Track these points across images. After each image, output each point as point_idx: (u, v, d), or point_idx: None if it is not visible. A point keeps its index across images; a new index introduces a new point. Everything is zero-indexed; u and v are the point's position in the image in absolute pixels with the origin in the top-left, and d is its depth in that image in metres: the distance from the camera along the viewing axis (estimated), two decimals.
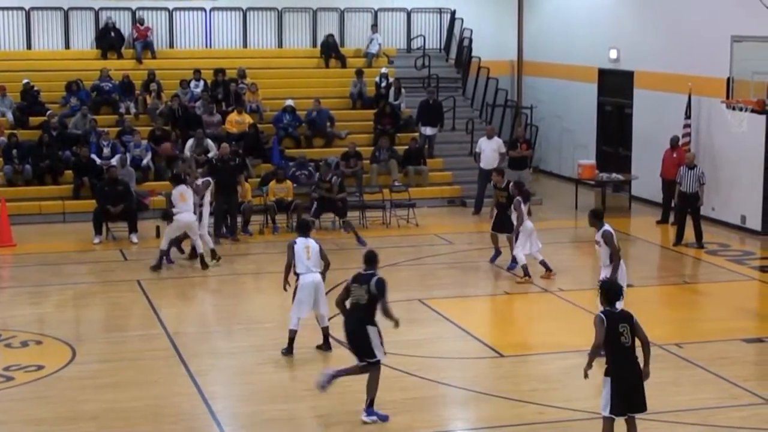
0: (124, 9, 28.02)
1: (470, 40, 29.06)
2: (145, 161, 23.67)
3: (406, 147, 25.14)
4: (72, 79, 25.76)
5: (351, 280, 11.73)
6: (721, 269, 18.92)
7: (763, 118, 19.73)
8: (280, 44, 29.30)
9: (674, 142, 22.39)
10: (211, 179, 19.79)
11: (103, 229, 20.90)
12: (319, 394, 12.42)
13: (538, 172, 28.86)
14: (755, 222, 21.51)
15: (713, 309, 16.82)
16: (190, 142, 23.68)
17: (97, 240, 20.69)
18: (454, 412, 12.26)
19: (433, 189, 25.02)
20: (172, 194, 18.43)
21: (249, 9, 28.86)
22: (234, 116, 25.16)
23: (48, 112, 24.40)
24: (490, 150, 23.53)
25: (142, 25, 27.73)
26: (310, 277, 13.60)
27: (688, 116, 22.62)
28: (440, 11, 30.04)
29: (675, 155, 22.06)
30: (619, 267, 13.44)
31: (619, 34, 26.04)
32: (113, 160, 22.93)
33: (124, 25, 27.97)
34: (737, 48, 18.21)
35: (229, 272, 18.78)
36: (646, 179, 24.17)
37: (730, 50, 18.32)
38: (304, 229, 14.00)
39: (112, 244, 20.77)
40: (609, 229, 13.65)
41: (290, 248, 13.70)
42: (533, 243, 17.81)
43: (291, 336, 13.67)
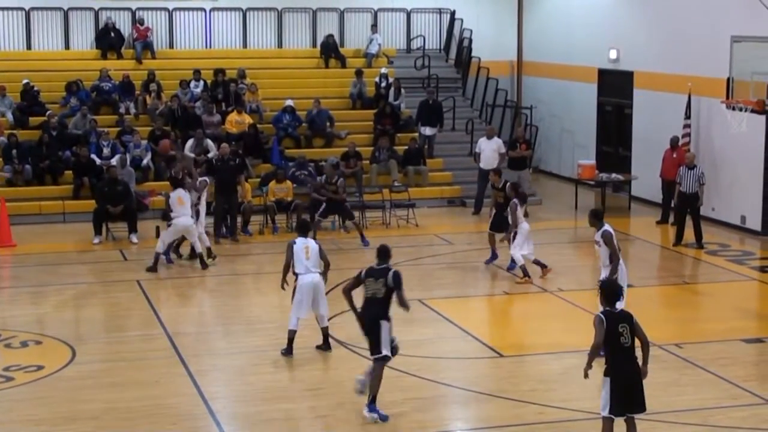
0: (123, 9, 28.01)
1: (470, 41, 29.06)
2: (145, 161, 23.68)
3: (406, 147, 25.12)
4: (72, 80, 25.76)
5: (364, 274, 11.80)
6: (721, 269, 18.92)
7: (763, 118, 19.73)
8: (280, 44, 29.30)
9: (674, 142, 22.39)
10: (207, 179, 19.81)
11: (103, 229, 20.90)
12: (318, 394, 12.46)
13: (538, 172, 28.85)
14: (755, 222, 21.50)
15: (713, 309, 16.82)
16: (190, 143, 23.67)
17: (96, 240, 20.69)
18: (454, 412, 12.25)
19: (433, 189, 25.01)
20: (170, 198, 18.43)
21: (249, 9, 28.85)
22: (234, 116, 25.16)
23: (48, 113, 24.39)
24: (490, 150, 23.51)
25: (142, 25, 27.72)
26: (309, 278, 13.60)
27: (687, 116, 22.62)
28: (440, 11, 30.03)
29: (675, 155, 22.05)
30: (618, 267, 13.45)
31: (619, 34, 26.03)
32: (113, 161, 22.94)
33: (124, 26, 27.96)
34: (737, 48, 18.21)
35: (229, 272, 18.79)
36: (645, 179, 24.16)
37: (730, 50, 18.33)
38: (304, 229, 14.01)
39: (111, 244, 20.77)
40: (609, 229, 13.66)
41: (289, 248, 13.70)
42: (529, 244, 17.81)
43: (290, 336, 13.66)
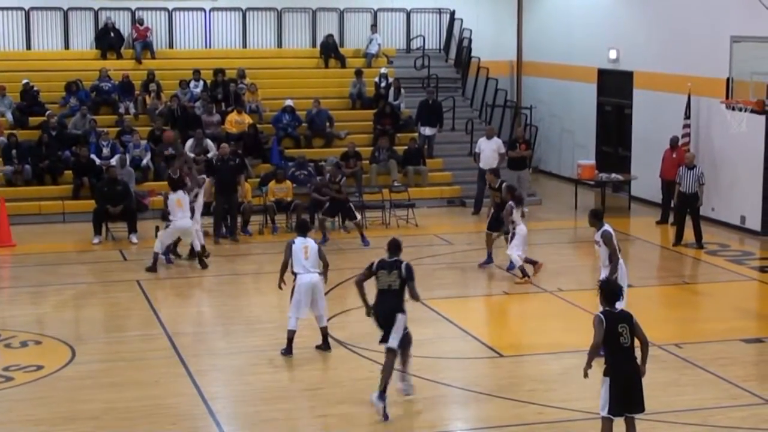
0: (123, 9, 28.01)
1: (470, 40, 29.07)
2: (145, 161, 23.67)
3: (406, 147, 25.12)
4: (71, 80, 25.76)
5: (376, 266, 11.95)
6: (721, 269, 18.91)
7: (763, 118, 19.73)
8: (280, 44, 29.29)
9: (674, 142, 22.39)
10: (205, 177, 19.82)
11: (102, 229, 20.90)
12: (317, 394, 12.45)
13: (538, 172, 28.85)
14: (755, 222, 21.50)
15: (713, 309, 16.81)
16: (190, 142, 23.67)
17: (96, 240, 20.69)
18: (454, 412, 12.25)
19: (433, 189, 25.01)
20: (169, 200, 18.42)
21: (248, 9, 28.85)
22: (233, 116, 25.16)
23: (47, 113, 24.39)
24: (490, 150, 23.49)
25: (142, 25, 27.72)
26: (308, 278, 13.59)
27: (687, 116, 22.61)
28: (440, 11, 30.04)
29: (674, 155, 22.05)
30: (618, 267, 13.44)
31: (619, 34, 26.03)
32: (113, 160, 22.94)
33: (124, 26, 27.96)
34: (736, 48, 18.21)
35: (229, 272, 18.79)
36: (645, 179, 24.16)
37: (730, 50, 18.33)
38: (303, 229, 13.99)
39: (111, 244, 20.76)
40: (608, 229, 13.65)
41: (288, 247, 13.70)
42: (523, 246, 17.79)
43: (289, 336, 13.65)
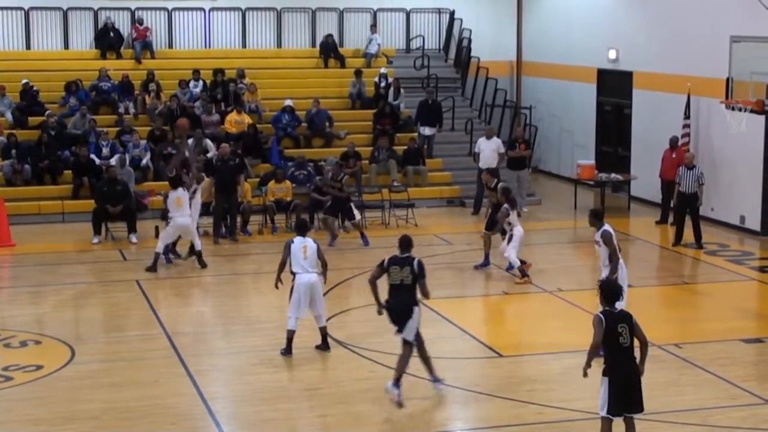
0: (123, 9, 28.00)
1: (469, 40, 29.07)
2: (144, 161, 23.67)
3: (405, 147, 25.11)
4: (71, 79, 25.76)
5: (387, 262, 12.12)
6: (721, 269, 18.91)
7: (762, 118, 19.73)
8: (279, 44, 29.29)
9: (673, 142, 22.39)
10: (204, 175, 19.83)
11: (102, 229, 20.89)
12: (317, 394, 12.46)
13: (537, 172, 28.86)
14: (754, 222, 21.50)
15: (712, 309, 16.81)
16: (190, 142, 23.63)
17: (96, 240, 20.68)
18: (453, 412, 12.24)
19: (432, 189, 25.01)
20: (169, 198, 18.43)
21: (248, 9, 28.85)
22: (233, 116, 25.16)
23: (47, 112, 24.40)
24: (489, 150, 23.49)
25: (141, 25, 27.72)
26: (306, 277, 13.58)
27: (687, 116, 22.61)
28: (439, 11, 30.03)
29: (674, 155, 22.05)
30: (618, 267, 13.42)
31: (618, 34, 26.03)
32: (112, 160, 22.93)
33: (123, 25, 27.96)
34: (736, 48, 18.21)
35: (229, 272, 18.79)
36: (645, 179, 24.16)
37: (729, 51, 18.33)
38: (303, 229, 13.99)
39: (111, 244, 20.76)
40: (608, 229, 13.64)
41: (287, 247, 13.69)
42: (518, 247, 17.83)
43: (289, 336, 13.64)
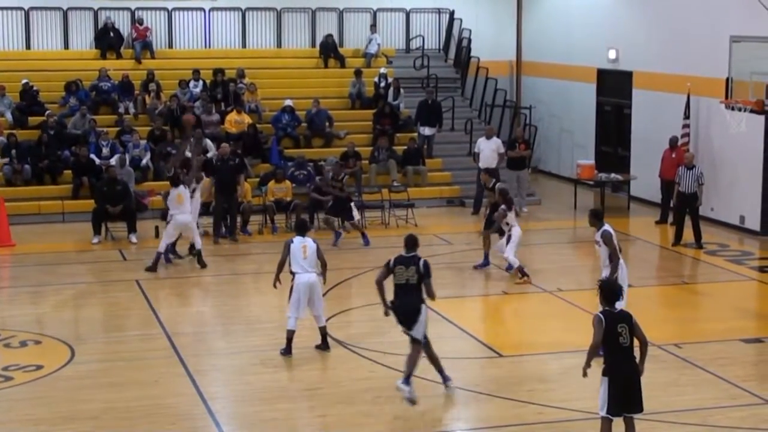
0: (123, 9, 28.01)
1: (469, 40, 29.06)
2: (144, 161, 23.68)
3: (405, 147, 25.11)
4: (71, 79, 25.75)
5: (393, 262, 12.16)
6: (720, 269, 18.91)
7: (762, 118, 19.74)
8: (279, 44, 29.29)
9: (673, 142, 22.39)
10: (203, 174, 19.83)
11: (102, 229, 20.89)
12: (317, 393, 12.46)
13: (537, 172, 28.86)
14: (754, 222, 21.50)
15: (712, 309, 16.81)
16: (188, 140, 23.64)
17: (96, 240, 20.68)
18: (453, 412, 12.24)
19: (432, 189, 25.01)
20: (170, 195, 18.45)
21: (248, 9, 28.85)
22: (233, 116, 25.16)
23: (47, 112, 24.40)
24: (489, 150, 23.48)
25: (141, 25, 27.72)
26: (305, 277, 13.58)
27: (687, 116, 22.61)
28: (439, 11, 30.03)
29: (674, 155, 22.05)
30: (618, 267, 13.42)
31: (618, 34, 26.03)
32: (112, 160, 22.93)
33: (123, 25, 27.96)
34: (736, 48, 18.21)
35: (228, 272, 18.80)
36: (645, 179, 24.15)
37: (729, 50, 18.33)
38: (302, 229, 14.00)
39: (111, 244, 20.76)
40: (608, 229, 13.63)
41: (286, 246, 13.69)
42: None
43: (289, 336, 13.64)
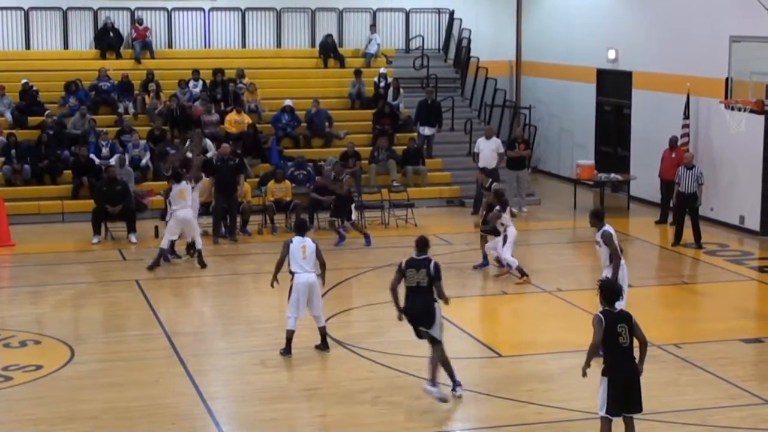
0: (122, 9, 28.01)
1: (469, 40, 29.06)
2: (144, 161, 23.67)
3: (405, 147, 25.11)
4: (71, 79, 25.75)
5: (405, 265, 12.15)
6: (720, 269, 18.91)
7: (762, 118, 19.74)
8: (279, 44, 29.29)
9: (673, 142, 22.39)
10: (203, 174, 19.85)
11: (101, 229, 20.89)
12: (316, 393, 12.46)
13: (537, 172, 28.86)
14: (754, 222, 21.50)
15: (712, 309, 16.81)
16: (189, 142, 23.65)
17: (95, 240, 20.68)
18: (453, 412, 12.24)
19: (432, 189, 25.00)
20: (172, 191, 18.45)
21: (248, 9, 28.85)
22: (233, 116, 25.16)
23: (46, 112, 24.40)
24: (489, 150, 23.48)
25: (141, 25, 27.72)
26: (305, 277, 13.58)
27: (686, 116, 22.61)
28: (439, 11, 30.03)
29: (674, 155, 22.05)
30: (619, 267, 13.40)
31: (618, 34, 26.03)
32: (112, 160, 22.92)
33: (123, 25, 27.96)
34: (736, 48, 18.21)
35: (228, 272, 18.80)
36: (644, 179, 24.15)
37: (729, 50, 18.33)
38: (302, 229, 14.00)
39: (110, 244, 20.76)
40: (609, 229, 13.62)
41: (285, 246, 13.69)
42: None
43: (288, 336, 13.64)
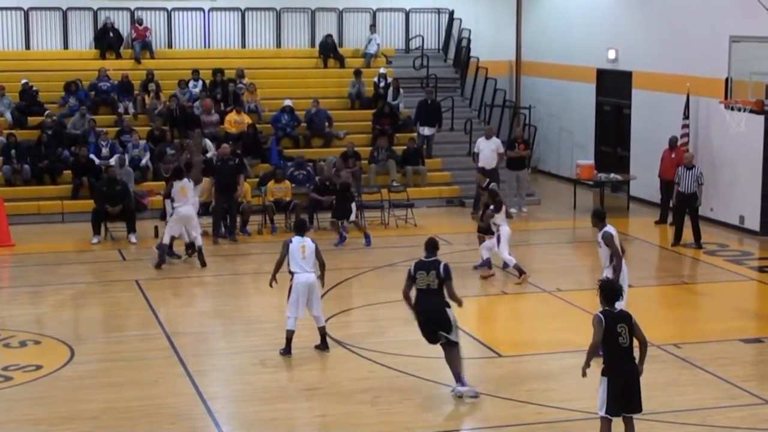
0: (122, 9, 28.01)
1: (468, 40, 29.07)
2: (144, 161, 23.68)
3: (405, 147, 25.11)
4: (70, 79, 25.75)
5: (414, 268, 12.09)
6: (720, 269, 18.92)
7: (762, 118, 19.74)
8: (279, 44, 29.30)
9: (673, 142, 22.39)
10: (202, 176, 19.87)
11: (101, 229, 20.89)
12: (316, 394, 12.46)
13: (537, 172, 28.86)
14: (754, 222, 21.51)
15: (712, 309, 16.82)
16: (189, 142, 23.65)
17: (95, 240, 20.68)
18: (453, 412, 12.24)
19: (432, 189, 25.01)
20: (174, 187, 18.46)
21: (247, 9, 28.85)
22: (233, 116, 25.16)
23: (46, 112, 24.41)
24: (489, 150, 23.48)
25: (141, 25, 27.72)
26: (304, 277, 13.58)
27: (686, 116, 22.61)
28: (438, 11, 30.04)
29: (673, 155, 22.06)
30: (620, 268, 13.40)
31: (618, 34, 26.03)
32: (112, 160, 22.93)
33: (123, 25, 27.96)
34: (735, 48, 18.21)
35: (228, 272, 18.80)
36: (644, 179, 24.15)
37: (729, 51, 18.33)
38: (301, 229, 14.00)
39: (110, 244, 20.76)
40: (609, 230, 13.60)
41: (285, 246, 13.69)
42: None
43: (288, 336, 13.64)
